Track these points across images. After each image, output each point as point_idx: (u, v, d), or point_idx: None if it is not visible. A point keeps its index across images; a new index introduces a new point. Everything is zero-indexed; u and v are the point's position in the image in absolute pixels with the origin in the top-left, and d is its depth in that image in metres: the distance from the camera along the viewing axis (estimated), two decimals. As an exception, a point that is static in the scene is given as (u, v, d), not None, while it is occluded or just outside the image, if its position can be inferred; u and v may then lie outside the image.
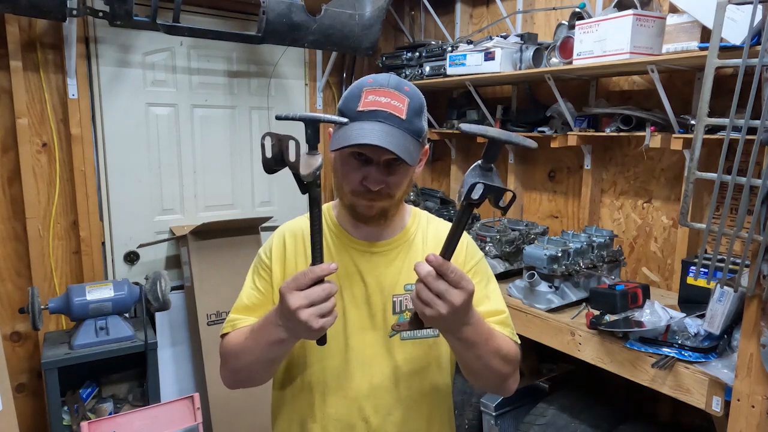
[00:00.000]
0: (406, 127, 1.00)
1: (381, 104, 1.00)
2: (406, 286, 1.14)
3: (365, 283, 1.13)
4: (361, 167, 1.02)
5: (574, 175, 2.55)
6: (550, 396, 2.18)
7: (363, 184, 1.02)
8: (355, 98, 1.02)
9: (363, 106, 1.00)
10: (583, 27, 1.97)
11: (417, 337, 1.13)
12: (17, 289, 2.55)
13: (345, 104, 1.04)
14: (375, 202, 1.04)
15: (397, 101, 1.01)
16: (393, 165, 1.02)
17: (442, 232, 1.18)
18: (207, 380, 2.63)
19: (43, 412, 2.57)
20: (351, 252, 1.14)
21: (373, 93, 1.02)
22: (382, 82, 1.03)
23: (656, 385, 1.57)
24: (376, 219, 1.08)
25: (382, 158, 1.01)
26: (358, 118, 1.00)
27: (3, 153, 2.47)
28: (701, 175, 1.40)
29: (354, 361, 1.12)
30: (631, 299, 1.86)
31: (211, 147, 3.00)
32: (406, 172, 1.06)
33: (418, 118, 1.04)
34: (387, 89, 1.02)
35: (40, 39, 2.48)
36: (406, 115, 1.01)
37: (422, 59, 2.82)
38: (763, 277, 1.29)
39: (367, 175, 1.02)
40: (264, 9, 2.48)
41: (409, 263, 1.15)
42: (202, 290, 2.68)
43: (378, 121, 0.99)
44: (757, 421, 1.34)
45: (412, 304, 0.92)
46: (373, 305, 1.12)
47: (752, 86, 1.24)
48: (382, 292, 1.13)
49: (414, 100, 1.03)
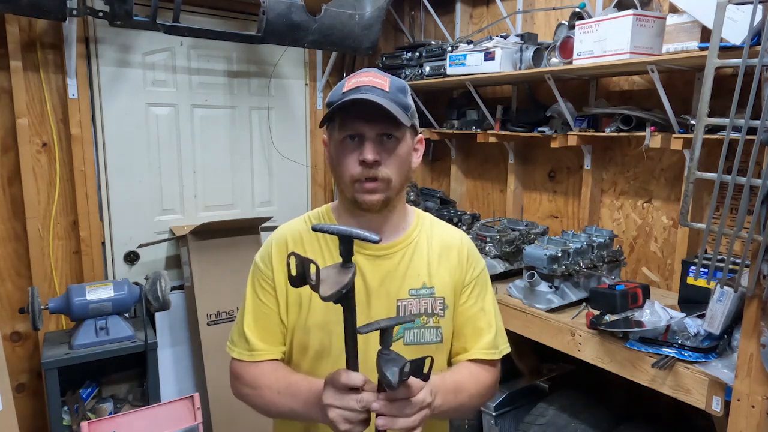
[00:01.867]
0: (390, 97, 1.03)
1: (363, 82, 1.05)
2: (410, 290, 1.13)
3: (368, 287, 1.12)
4: (355, 149, 1.04)
5: (574, 175, 2.55)
6: (550, 396, 2.18)
7: (360, 162, 1.03)
8: (339, 87, 1.08)
9: (346, 88, 1.05)
10: (583, 27, 1.97)
11: (420, 342, 1.13)
12: (17, 289, 2.55)
13: (331, 95, 1.08)
14: (374, 184, 1.05)
15: (379, 79, 1.06)
16: (386, 142, 1.04)
17: (447, 236, 1.22)
18: (207, 380, 2.63)
19: (43, 412, 2.57)
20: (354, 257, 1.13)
21: (355, 76, 1.08)
22: (363, 70, 1.10)
23: (656, 385, 1.57)
24: (379, 209, 1.08)
25: (374, 132, 1.03)
26: (343, 97, 1.03)
27: (3, 153, 2.47)
28: (701, 175, 1.40)
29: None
30: (631, 299, 1.86)
31: (211, 147, 3.00)
32: (401, 150, 1.07)
33: (403, 94, 1.07)
34: (368, 72, 1.08)
35: (40, 39, 2.48)
36: (390, 89, 1.05)
37: (422, 59, 2.82)
38: (763, 277, 1.29)
39: (362, 151, 1.03)
40: (264, 9, 2.48)
41: (413, 266, 1.15)
42: (202, 290, 2.68)
43: (361, 94, 1.02)
44: (757, 421, 1.34)
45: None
46: (376, 310, 1.11)
47: (752, 86, 1.24)
48: (386, 296, 1.12)
49: (396, 81, 1.08)
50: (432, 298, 1.15)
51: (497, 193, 2.97)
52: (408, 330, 1.12)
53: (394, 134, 1.05)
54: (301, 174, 3.32)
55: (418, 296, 1.14)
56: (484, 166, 3.04)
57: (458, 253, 1.20)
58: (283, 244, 1.15)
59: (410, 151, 1.10)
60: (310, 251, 1.14)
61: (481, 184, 3.08)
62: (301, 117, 3.28)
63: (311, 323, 1.11)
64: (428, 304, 1.14)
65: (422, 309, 1.14)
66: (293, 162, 3.26)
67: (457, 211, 2.79)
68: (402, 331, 1.12)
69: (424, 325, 1.14)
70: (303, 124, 3.30)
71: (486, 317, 1.19)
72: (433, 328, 1.15)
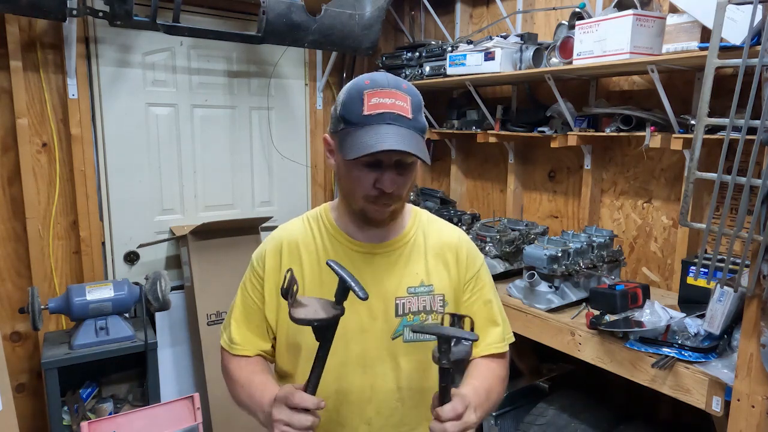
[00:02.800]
0: (413, 125, 1.01)
1: (387, 106, 0.99)
2: (408, 288, 1.14)
3: (365, 285, 1.11)
4: (372, 171, 1.02)
5: (574, 175, 2.54)
6: (550, 396, 2.17)
7: (376, 187, 1.02)
8: (356, 102, 1.00)
9: (369, 110, 0.99)
10: (583, 27, 1.97)
11: (420, 339, 1.13)
12: (17, 289, 2.55)
13: (347, 109, 1.01)
14: (387, 207, 1.05)
15: (401, 101, 1.01)
16: (402, 166, 1.02)
17: (446, 234, 1.22)
18: (207, 380, 2.63)
19: (43, 412, 2.57)
20: (350, 255, 1.13)
21: (376, 95, 1.00)
22: (381, 82, 1.01)
23: (656, 385, 1.57)
24: (387, 221, 1.10)
25: (393, 160, 1.00)
26: (365, 122, 0.99)
27: (3, 153, 2.47)
28: (701, 175, 1.40)
29: (354, 364, 1.12)
30: (631, 299, 1.86)
31: (211, 147, 3.00)
32: (414, 171, 1.07)
33: (420, 114, 1.05)
34: (388, 89, 1.00)
35: (40, 39, 2.48)
36: (412, 114, 1.01)
37: (422, 59, 2.82)
38: (763, 277, 1.29)
39: (380, 178, 1.01)
40: (264, 9, 2.48)
41: (411, 264, 1.15)
42: (202, 290, 2.68)
43: (387, 124, 0.98)
44: (757, 421, 1.34)
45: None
46: (374, 308, 1.11)
47: (752, 86, 1.24)
48: (383, 295, 1.12)
49: (414, 98, 1.03)
50: (431, 296, 1.15)
51: (497, 193, 2.97)
52: (407, 328, 1.13)
53: (411, 161, 1.04)
54: (301, 174, 3.32)
55: (417, 294, 1.14)
56: (484, 166, 3.04)
57: (456, 251, 1.20)
58: (278, 245, 1.16)
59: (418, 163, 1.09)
60: (305, 252, 1.15)
61: (481, 184, 3.08)
62: (301, 117, 3.28)
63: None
64: (427, 302, 1.15)
65: (420, 306, 1.14)
66: (293, 162, 3.26)
67: (457, 211, 2.79)
68: (401, 329, 1.13)
69: (423, 323, 1.14)
70: (303, 124, 3.30)
71: (491, 309, 1.21)
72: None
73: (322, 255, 1.14)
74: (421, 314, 1.14)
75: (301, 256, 1.15)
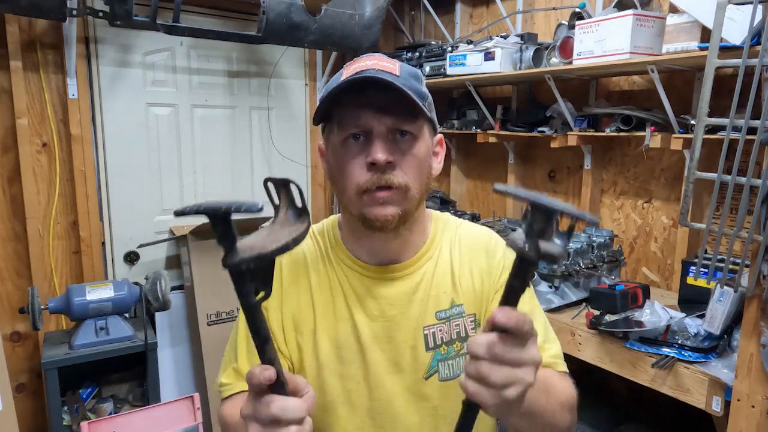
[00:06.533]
0: (402, 82, 0.80)
1: (367, 66, 0.83)
2: (437, 313, 0.93)
3: (386, 316, 0.92)
4: (361, 151, 0.83)
5: (574, 175, 2.55)
6: (550, 396, 2.17)
7: (369, 166, 0.82)
8: (337, 77, 0.86)
9: (346, 75, 0.83)
10: (583, 27, 1.97)
11: (459, 375, 0.91)
12: (17, 289, 2.54)
13: (326, 88, 0.86)
14: (389, 204, 0.83)
15: (386, 62, 0.84)
16: (400, 140, 0.83)
17: (478, 239, 1.00)
18: (207, 380, 2.63)
19: (43, 412, 2.57)
20: (365, 281, 0.93)
21: (357, 61, 0.86)
22: (365, 55, 0.88)
23: (656, 385, 1.57)
24: (395, 225, 0.85)
25: (384, 126, 0.82)
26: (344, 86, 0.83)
27: (3, 153, 2.47)
28: (701, 175, 1.40)
29: (383, 416, 0.92)
30: (631, 299, 1.86)
31: (211, 147, 3.00)
32: (419, 150, 0.85)
33: (417, 81, 0.86)
34: (371, 55, 0.87)
35: (40, 39, 2.47)
36: (400, 73, 0.83)
37: (422, 59, 2.82)
38: (763, 277, 1.29)
39: (370, 151, 0.81)
40: (264, 9, 2.48)
41: (437, 284, 0.94)
42: (202, 290, 2.68)
43: (366, 76, 0.81)
44: (757, 421, 1.34)
45: (462, 388, 0.60)
46: (400, 343, 0.92)
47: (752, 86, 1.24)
48: (408, 325, 0.92)
49: (407, 66, 0.87)
50: (462, 318, 0.95)
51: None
52: (442, 362, 0.93)
53: (410, 130, 0.83)
54: (301, 174, 3.32)
55: (448, 319, 0.94)
56: (484, 166, 3.04)
57: (487, 254, 0.98)
58: (278, 262, 0.94)
59: (429, 152, 0.88)
60: (314, 273, 0.96)
61: (481, 184, 3.08)
62: (301, 117, 3.28)
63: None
64: (460, 326, 0.94)
65: (454, 334, 0.94)
66: (293, 162, 3.26)
67: (457, 211, 2.79)
68: (435, 365, 0.93)
69: (458, 353, 0.94)
70: (303, 124, 3.30)
71: (538, 324, 0.85)
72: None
73: (333, 281, 0.95)
74: (455, 343, 0.94)
75: (309, 277, 0.95)
